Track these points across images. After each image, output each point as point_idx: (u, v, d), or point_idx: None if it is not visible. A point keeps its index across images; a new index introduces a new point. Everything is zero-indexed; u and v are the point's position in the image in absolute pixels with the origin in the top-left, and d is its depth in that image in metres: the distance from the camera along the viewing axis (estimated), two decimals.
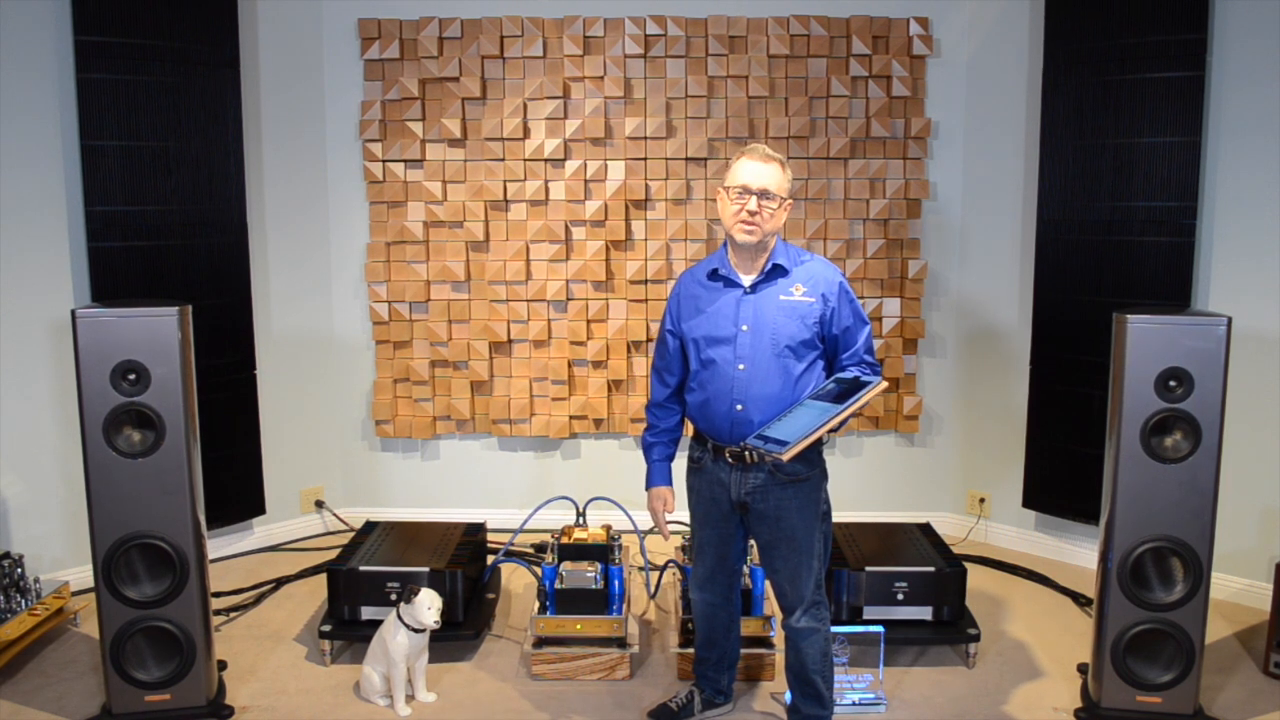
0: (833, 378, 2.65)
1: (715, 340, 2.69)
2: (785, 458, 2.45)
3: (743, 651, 3.15)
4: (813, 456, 2.69)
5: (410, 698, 3.09)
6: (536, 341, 4.52)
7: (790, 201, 2.67)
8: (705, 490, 2.78)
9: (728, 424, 2.66)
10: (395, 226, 4.46)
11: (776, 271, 2.68)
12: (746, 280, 2.69)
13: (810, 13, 4.33)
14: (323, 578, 3.64)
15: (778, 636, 3.26)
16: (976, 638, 3.32)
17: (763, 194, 2.59)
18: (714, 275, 2.73)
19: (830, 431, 2.53)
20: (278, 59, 4.28)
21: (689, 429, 2.87)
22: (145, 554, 2.86)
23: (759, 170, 2.60)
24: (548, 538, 3.66)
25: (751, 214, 2.59)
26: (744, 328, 2.65)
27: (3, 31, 3.61)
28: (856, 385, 2.55)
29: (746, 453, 2.65)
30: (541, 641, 3.28)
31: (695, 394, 2.75)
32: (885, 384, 2.61)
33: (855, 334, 2.70)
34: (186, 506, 2.87)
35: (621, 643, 3.27)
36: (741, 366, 2.64)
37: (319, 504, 4.64)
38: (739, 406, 2.64)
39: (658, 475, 2.90)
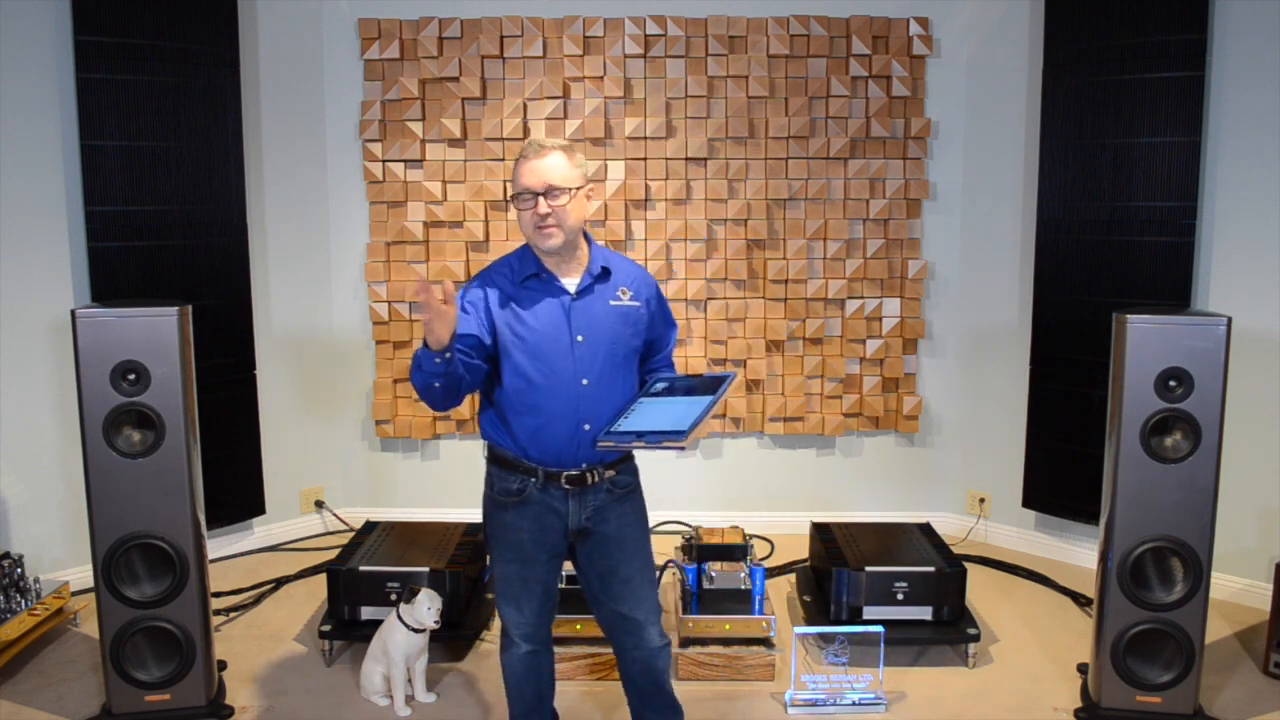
0: (658, 377, 2.47)
1: (551, 354, 2.35)
2: (686, 445, 2.14)
3: (743, 651, 3.14)
4: (634, 464, 2.53)
5: (410, 698, 3.08)
6: None
7: (590, 187, 2.40)
8: (531, 525, 2.44)
9: (572, 446, 2.37)
10: (395, 226, 4.46)
11: (603, 275, 2.43)
12: (571, 285, 2.41)
13: (810, 13, 4.33)
14: (323, 578, 3.63)
15: (777, 636, 3.26)
16: (976, 638, 3.32)
17: (548, 192, 2.30)
18: (533, 279, 2.40)
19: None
20: (278, 59, 4.28)
21: (498, 458, 2.50)
22: (145, 554, 2.86)
23: (535, 167, 2.31)
24: None
25: (543, 216, 2.31)
26: (579, 338, 2.37)
27: (3, 31, 3.61)
28: (714, 381, 2.33)
29: (589, 472, 2.40)
30: None
31: (525, 419, 2.38)
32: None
33: (668, 337, 2.56)
34: (186, 506, 2.87)
35: None
36: (585, 381, 2.35)
37: (319, 504, 4.64)
38: (586, 426, 2.35)
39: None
